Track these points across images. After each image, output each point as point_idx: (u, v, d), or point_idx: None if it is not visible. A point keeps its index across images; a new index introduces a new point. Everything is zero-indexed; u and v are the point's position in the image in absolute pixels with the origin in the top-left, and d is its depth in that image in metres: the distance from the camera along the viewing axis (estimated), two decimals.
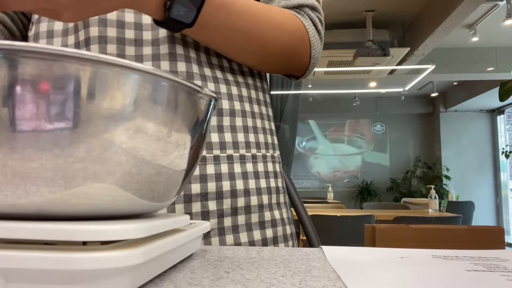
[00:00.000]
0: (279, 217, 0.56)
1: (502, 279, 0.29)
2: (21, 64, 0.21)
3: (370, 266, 0.33)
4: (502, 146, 6.66)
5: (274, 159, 0.58)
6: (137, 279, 0.24)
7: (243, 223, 0.51)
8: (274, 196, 0.56)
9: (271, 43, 0.52)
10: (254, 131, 0.55)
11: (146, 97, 0.24)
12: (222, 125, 0.51)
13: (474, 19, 4.29)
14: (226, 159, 0.50)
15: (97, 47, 0.47)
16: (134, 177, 0.25)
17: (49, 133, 0.22)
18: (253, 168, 0.53)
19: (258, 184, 0.53)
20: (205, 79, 0.51)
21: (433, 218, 2.96)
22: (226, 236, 0.49)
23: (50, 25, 0.50)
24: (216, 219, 0.49)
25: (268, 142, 0.58)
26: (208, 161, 0.49)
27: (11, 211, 0.23)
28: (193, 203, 0.48)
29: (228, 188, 0.50)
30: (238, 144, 0.52)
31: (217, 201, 0.49)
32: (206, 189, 0.48)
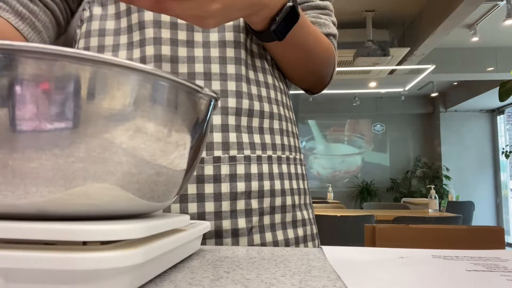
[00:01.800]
0: (307, 217, 0.58)
1: (502, 279, 0.29)
2: (21, 64, 0.21)
3: (370, 266, 0.33)
4: (502, 146, 6.66)
5: (301, 162, 0.61)
6: (137, 279, 0.24)
7: (279, 222, 0.53)
8: (302, 197, 0.58)
9: (319, 64, 0.59)
10: (287, 134, 0.58)
11: (146, 97, 0.24)
12: (262, 127, 0.54)
13: (474, 19, 4.29)
14: (267, 160, 0.53)
15: (152, 48, 0.49)
16: (134, 177, 0.25)
17: (49, 133, 0.22)
18: (287, 170, 0.55)
19: (291, 185, 0.55)
20: (249, 82, 0.53)
21: (433, 218, 2.96)
22: (266, 234, 0.51)
23: (102, 24, 0.52)
24: (258, 217, 0.51)
25: (296, 145, 0.60)
26: (252, 161, 0.51)
27: (11, 211, 0.23)
28: (238, 201, 0.49)
29: (268, 187, 0.52)
30: (276, 146, 0.55)
31: (258, 200, 0.51)
32: (250, 187, 0.50)
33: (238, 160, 0.50)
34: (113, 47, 0.51)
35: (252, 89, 0.53)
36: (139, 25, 0.50)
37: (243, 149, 0.50)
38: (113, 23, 0.52)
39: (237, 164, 0.50)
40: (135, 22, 0.50)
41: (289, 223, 0.54)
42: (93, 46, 0.52)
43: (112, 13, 0.53)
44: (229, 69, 0.51)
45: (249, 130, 0.52)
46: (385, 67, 4.74)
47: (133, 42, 0.50)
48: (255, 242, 0.50)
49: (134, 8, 0.50)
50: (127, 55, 0.51)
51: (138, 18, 0.50)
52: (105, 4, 0.53)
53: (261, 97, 0.54)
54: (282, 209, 0.53)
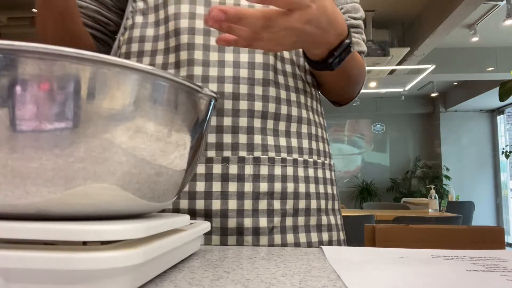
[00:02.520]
0: (334, 222, 0.59)
1: (502, 279, 0.29)
2: (21, 64, 0.21)
3: (370, 266, 0.33)
4: (502, 146, 6.65)
5: (330, 167, 0.62)
6: (137, 279, 0.24)
7: (302, 224, 0.54)
8: (330, 202, 0.59)
9: (354, 84, 0.63)
10: (315, 139, 0.59)
11: (146, 97, 0.24)
12: (289, 130, 0.55)
13: (474, 19, 4.29)
14: (292, 163, 0.54)
15: (186, 53, 0.52)
16: (134, 177, 0.25)
17: (49, 133, 0.22)
18: (314, 174, 0.57)
19: (317, 189, 0.56)
20: (277, 87, 0.55)
21: (433, 218, 2.96)
22: (287, 235, 0.52)
23: (142, 31, 0.56)
24: (280, 218, 0.52)
25: (326, 151, 0.62)
26: (276, 163, 0.53)
27: (11, 211, 0.23)
28: (260, 200, 0.51)
29: (292, 189, 0.53)
30: (303, 150, 0.56)
31: (281, 201, 0.52)
32: (272, 188, 0.52)
33: (262, 161, 0.52)
34: (151, 52, 0.55)
35: (281, 94, 0.55)
36: (175, 32, 0.53)
37: (268, 151, 0.52)
38: (152, 30, 0.56)
39: (261, 165, 0.52)
40: (171, 29, 0.54)
41: (313, 227, 0.55)
42: (133, 52, 0.56)
43: (152, 21, 0.56)
44: (257, 74, 0.53)
45: (275, 133, 0.54)
46: (385, 67, 4.74)
47: (169, 47, 0.54)
48: (275, 242, 0.51)
49: (171, 16, 0.54)
50: (163, 59, 0.54)
51: (175, 25, 0.53)
52: (146, 13, 0.57)
53: (290, 101, 0.56)
54: (306, 212, 0.54)
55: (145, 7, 0.57)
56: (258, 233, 0.50)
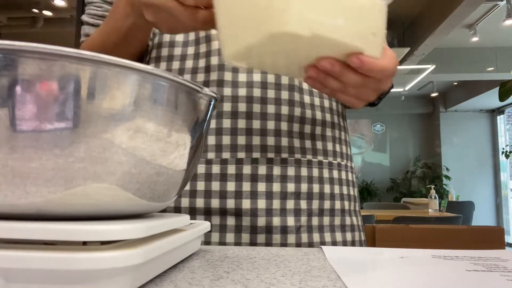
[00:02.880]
0: (356, 223, 0.60)
1: (502, 279, 0.29)
2: (21, 64, 0.21)
3: (370, 266, 0.33)
4: (502, 146, 6.65)
5: (352, 169, 0.64)
6: (137, 279, 0.24)
7: (327, 224, 0.55)
8: (352, 203, 0.60)
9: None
10: (339, 142, 0.61)
11: (146, 97, 0.24)
12: (314, 133, 0.57)
13: (474, 19, 4.29)
14: (317, 164, 0.56)
15: (216, 58, 0.54)
16: (134, 177, 0.25)
17: (49, 133, 0.22)
18: (337, 175, 0.58)
19: (341, 190, 0.58)
20: (301, 92, 0.57)
21: (433, 218, 2.96)
22: (314, 234, 0.54)
23: (172, 37, 0.58)
24: (306, 217, 0.54)
25: (348, 153, 0.63)
26: (302, 164, 0.55)
27: (11, 211, 0.23)
28: (288, 200, 0.53)
29: (317, 190, 0.55)
30: (327, 152, 0.58)
31: (307, 201, 0.54)
32: (299, 189, 0.54)
33: (289, 163, 0.54)
34: (181, 56, 0.57)
35: (305, 98, 0.57)
36: (205, 38, 0.56)
37: (294, 153, 0.54)
38: (182, 36, 0.58)
39: (288, 166, 0.54)
40: (202, 35, 0.56)
41: (337, 227, 0.56)
42: (163, 56, 0.58)
43: None
44: (283, 80, 0.56)
45: (301, 135, 0.55)
46: None
47: (199, 53, 0.56)
48: (302, 240, 0.53)
49: None
50: (193, 64, 0.56)
51: (205, 32, 0.56)
52: None
53: (314, 106, 0.57)
54: (331, 212, 0.56)
55: None
56: (286, 232, 0.52)
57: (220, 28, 0.36)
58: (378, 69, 0.35)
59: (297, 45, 0.33)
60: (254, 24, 0.32)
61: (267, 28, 0.30)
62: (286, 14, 0.30)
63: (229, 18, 0.35)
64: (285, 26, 0.30)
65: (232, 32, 0.35)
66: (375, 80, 0.38)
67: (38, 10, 4.33)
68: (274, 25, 0.30)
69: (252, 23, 0.32)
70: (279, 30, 0.30)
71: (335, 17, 0.32)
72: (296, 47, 0.33)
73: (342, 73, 0.36)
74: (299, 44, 0.32)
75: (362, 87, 0.39)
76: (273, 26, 0.30)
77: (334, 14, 0.32)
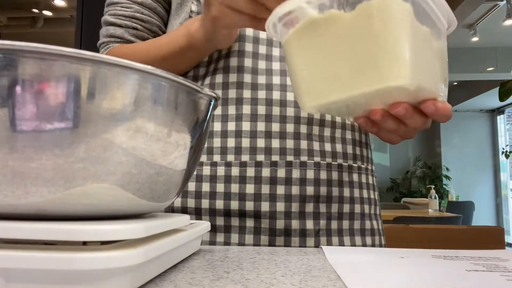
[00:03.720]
0: (376, 227, 0.59)
1: (502, 279, 0.29)
2: (21, 64, 0.21)
3: (370, 266, 0.33)
4: (502, 146, 6.65)
5: (372, 173, 0.63)
6: (137, 279, 0.24)
7: (346, 228, 0.55)
8: (372, 207, 0.60)
9: None
10: (359, 144, 0.60)
11: (146, 97, 0.24)
12: (334, 136, 0.56)
13: (474, 19, 4.29)
14: (337, 168, 0.55)
15: (236, 59, 0.54)
16: (134, 177, 0.25)
17: (49, 133, 0.22)
18: (357, 179, 0.58)
19: (361, 194, 0.57)
20: None
21: (433, 218, 2.96)
22: (333, 237, 0.54)
23: None
24: (325, 221, 0.53)
25: (369, 156, 0.62)
26: (321, 167, 0.54)
27: (11, 211, 0.23)
28: (307, 203, 0.52)
29: (336, 194, 0.54)
30: (347, 155, 0.57)
31: (326, 204, 0.54)
32: (318, 192, 0.53)
33: (308, 166, 0.53)
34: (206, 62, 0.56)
35: None
36: None
37: (313, 156, 0.54)
38: None
39: (307, 169, 0.53)
40: None
41: (357, 231, 0.55)
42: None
43: None
44: None
45: (320, 138, 0.55)
46: None
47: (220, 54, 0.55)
48: (321, 244, 0.52)
49: None
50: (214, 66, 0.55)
51: None
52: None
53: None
54: (350, 216, 0.55)
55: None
56: (305, 235, 0.52)
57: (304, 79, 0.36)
58: (449, 114, 0.36)
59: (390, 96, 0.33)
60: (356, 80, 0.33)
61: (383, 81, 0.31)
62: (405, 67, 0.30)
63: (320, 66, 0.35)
64: (402, 81, 0.30)
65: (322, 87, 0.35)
66: (430, 121, 0.38)
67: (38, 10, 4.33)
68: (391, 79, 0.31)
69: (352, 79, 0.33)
70: (396, 84, 0.31)
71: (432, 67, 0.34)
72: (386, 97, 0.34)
73: (411, 117, 0.36)
74: (394, 95, 0.33)
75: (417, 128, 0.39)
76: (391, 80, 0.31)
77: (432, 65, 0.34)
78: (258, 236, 0.51)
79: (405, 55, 0.31)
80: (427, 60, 0.34)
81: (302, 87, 0.37)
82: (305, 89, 0.37)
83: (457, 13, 3.57)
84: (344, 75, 0.34)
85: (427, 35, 0.34)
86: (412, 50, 0.31)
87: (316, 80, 0.36)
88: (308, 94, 0.36)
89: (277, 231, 0.51)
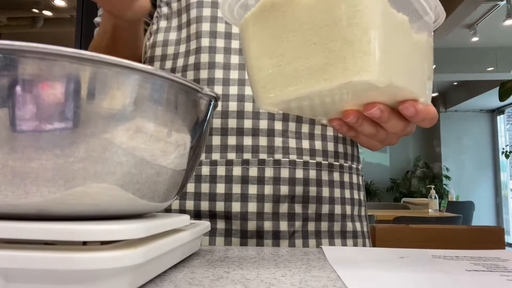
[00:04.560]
0: (360, 229, 0.57)
1: (502, 279, 0.29)
2: (21, 64, 0.21)
3: (370, 266, 0.33)
4: (502, 146, 6.65)
5: (358, 171, 0.60)
6: (137, 279, 0.24)
7: (325, 230, 0.53)
8: (356, 207, 0.57)
9: None
10: (343, 142, 0.57)
11: (146, 97, 0.24)
12: (313, 133, 0.54)
13: (474, 19, 4.29)
14: (315, 166, 0.53)
15: (207, 55, 0.53)
16: (134, 177, 0.25)
17: (49, 133, 0.22)
18: (339, 178, 0.55)
19: (342, 194, 0.55)
20: None
21: (433, 218, 2.96)
22: (309, 240, 0.51)
23: (166, 35, 0.57)
24: (301, 222, 0.51)
25: (354, 154, 0.60)
26: (297, 166, 0.52)
27: (11, 211, 0.23)
28: (281, 204, 0.50)
29: (314, 193, 0.52)
30: (328, 153, 0.55)
31: (303, 205, 0.51)
32: (293, 192, 0.51)
33: (283, 164, 0.51)
34: (173, 55, 0.55)
35: None
36: (196, 34, 0.54)
37: (289, 154, 0.51)
38: (175, 34, 0.57)
39: (281, 167, 0.51)
40: (193, 32, 0.54)
41: (337, 233, 0.53)
42: (157, 56, 0.56)
43: (175, 25, 0.57)
44: None
45: (297, 135, 0.53)
46: None
47: (190, 50, 0.54)
48: (296, 246, 0.50)
49: (193, 19, 0.54)
50: (184, 61, 0.54)
51: (196, 28, 0.54)
52: (170, 17, 0.58)
53: None
54: (330, 217, 0.53)
55: (168, 12, 0.58)
56: (278, 237, 0.50)
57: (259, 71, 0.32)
58: (430, 118, 0.32)
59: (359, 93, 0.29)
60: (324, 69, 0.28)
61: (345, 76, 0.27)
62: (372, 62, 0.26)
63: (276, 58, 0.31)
64: (368, 75, 0.26)
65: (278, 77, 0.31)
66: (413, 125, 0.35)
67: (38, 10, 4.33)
68: (354, 73, 0.26)
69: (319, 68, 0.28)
70: (361, 79, 0.26)
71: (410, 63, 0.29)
72: (354, 94, 0.29)
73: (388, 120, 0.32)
74: (363, 92, 0.29)
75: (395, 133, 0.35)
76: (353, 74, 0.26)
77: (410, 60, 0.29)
78: (229, 238, 0.50)
79: (372, 46, 0.26)
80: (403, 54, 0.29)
81: (257, 80, 0.32)
82: (261, 83, 0.32)
83: (457, 13, 3.58)
84: (303, 67, 0.29)
85: (404, 25, 0.29)
86: (383, 40, 0.26)
87: (272, 72, 0.31)
88: (264, 88, 0.32)
89: (249, 233, 0.49)
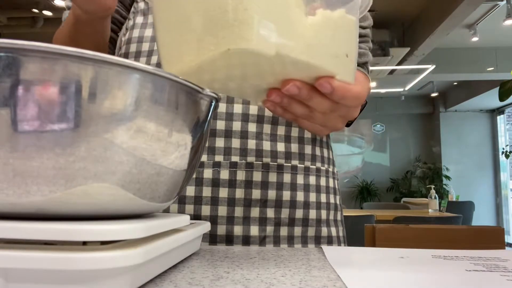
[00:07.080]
0: (335, 234, 0.56)
1: (502, 279, 0.29)
2: (23, 63, 0.21)
3: (370, 266, 0.33)
4: (502, 146, 6.65)
5: (334, 175, 0.59)
6: (137, 279, 0.24)
7: (299, 235, 0.51)
8: (332, 212, 0.56)
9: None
10: (320, 144, 0.56)
11: (147, 97, 0.24)
12: (290, 135, 0.52)
13: (474, 19, 4.29)
14: (290, 169, 0.51)
15: None
16: (134, 177, 0.25)
17: (50, 132, 0.22)
18: (315, 182, 0.53)
19: (318, 198, 0.53)
20: None
21: (433, 218, 2.96)
22: (281, 245, 0.50)
23: (141, 32, 0.55)
24: (273, 227, 0.50)
25: (330, 157, 0.58)
26: (271, 169, 0.50)
27: (12, 210, 0.23)
28: (252, 208, 0.49)
29: (288, 198, 0.50)
30: (304, 156, 0.53)
31: (275, 209, 0.50)
32: (266, 196, 0.49)
33: (255, 167, 0.49)
34: (148, 52, 0.54)
35: None
36: None
37: (262, 157, 0.50)
38: (151, 30, 0.55)
39: (254, 171, 0.49)
40: None
41: (311, 238, 0.52)
42: (131, 52, 0.55)
43: (152, 22, 0.55)
44: None
45: (273, 138, 0.51)
46: (385, 67, 4.74)
47: None
48: None
49: None
50: (158, 59, 0.52)
51: None
52: (147, 13, 0.56)
53: None
54: (304, 222, 0.51)
55: (145, 8, 0.56)
56: (248, 242, 0.48)
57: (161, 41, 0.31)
58: (351, 96, 0.32)
59: (258, 66, 0.28)
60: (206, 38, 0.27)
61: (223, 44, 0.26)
62: (247, 29, 0.25)
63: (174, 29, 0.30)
64: (245, 43, 0.25)
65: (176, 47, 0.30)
66: (345, 107, 0.34)
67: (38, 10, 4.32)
68: (231, 41, 0.26)
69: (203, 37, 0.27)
70: (237, 47, 0.25)
71: (303, 35, 0.28)
72: (256, 68, 0.29)
73: (310, 98, 0.32)
74: (260, 64, 0.28)
75: (330, 114, 0.35)
76: (231, 42, 0.26)
77: (301, 32, 0.28)
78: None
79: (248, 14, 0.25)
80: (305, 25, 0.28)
81: (160, 51, 0.31)
82: (162, 53, 0.31)
83: (457, 13, 3.57)
84: (194, 38, 0.28)
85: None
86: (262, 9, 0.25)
87: (170, 43, 0.30)
88: (164, 59, 0.30)
89: (218, 237, 0.48)
